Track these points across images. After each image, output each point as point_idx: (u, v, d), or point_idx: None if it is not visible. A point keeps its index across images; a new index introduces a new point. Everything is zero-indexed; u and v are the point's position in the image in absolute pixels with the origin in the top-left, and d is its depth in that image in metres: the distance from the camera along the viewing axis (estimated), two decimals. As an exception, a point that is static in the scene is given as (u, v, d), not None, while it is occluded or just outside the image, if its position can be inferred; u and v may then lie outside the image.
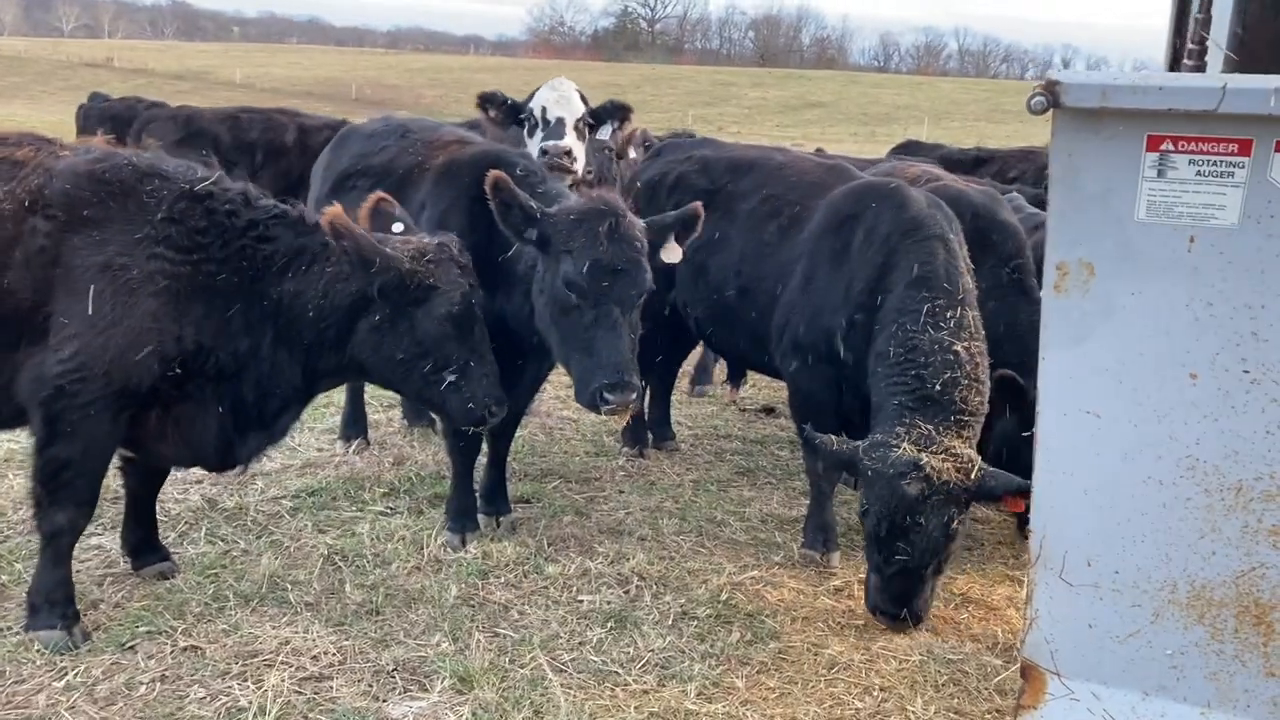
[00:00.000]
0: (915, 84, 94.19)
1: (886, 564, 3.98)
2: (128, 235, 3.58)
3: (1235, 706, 2.73)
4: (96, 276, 3.52)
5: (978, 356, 4.21)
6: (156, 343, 3.56)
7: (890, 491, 3.88)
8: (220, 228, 3.71)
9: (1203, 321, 2.51)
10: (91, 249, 3.55)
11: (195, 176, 3.78)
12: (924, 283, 4.31)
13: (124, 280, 3.54)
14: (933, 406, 4.06)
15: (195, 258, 3.65)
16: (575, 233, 4.06)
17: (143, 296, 3.55)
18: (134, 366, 3.55)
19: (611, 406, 4.01)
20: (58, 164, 3.65)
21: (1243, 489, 2.58)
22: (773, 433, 6.80)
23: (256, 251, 3.75)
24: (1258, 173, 2.38)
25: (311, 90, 71.62)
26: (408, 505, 5.11)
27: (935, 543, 3.92)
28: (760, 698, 3.60)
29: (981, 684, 3.71)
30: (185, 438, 3.82)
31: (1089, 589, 2.79)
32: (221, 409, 3.80)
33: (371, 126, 5.53)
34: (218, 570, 4.29)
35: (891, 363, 4.21)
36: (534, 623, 4.02)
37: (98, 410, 3.55)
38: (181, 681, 3.50)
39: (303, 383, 3.95)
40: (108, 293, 3.52)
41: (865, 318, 4.44)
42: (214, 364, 3.71)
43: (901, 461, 3.88)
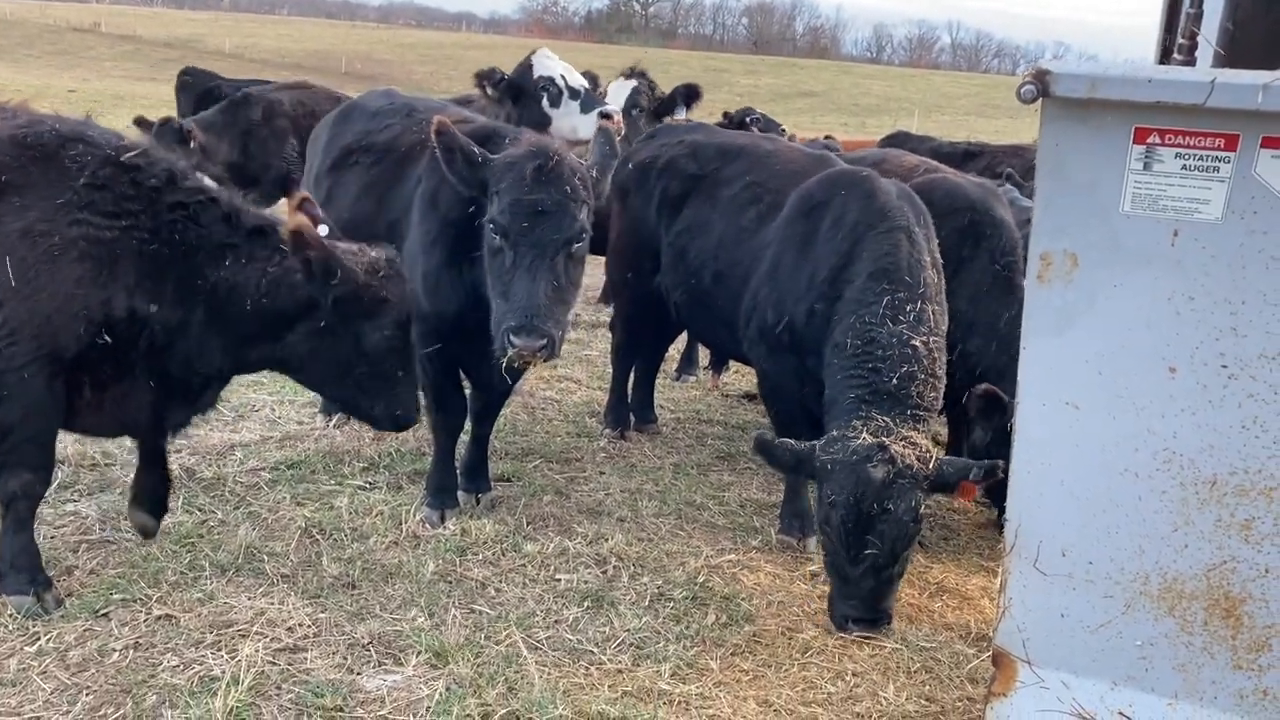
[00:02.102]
0: (907, 76, 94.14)
1: (854, 562, 3.86)
2: (49, 201, 3.53)
3: (1202, 698, 2.76)
4: (18, 243, 3.48)
5: (936, 352, 4.17)
6: (84, 307, 3.53)
7: (855, 478, 3.77)
8: (148, 199, 3.67)
9: (1184, 315, 2.53)
10: (12, 215, 3.50)
11: (122, 145, 3.73)
12: (885, 275, 4.26)
13: (46, 246, 3.49)
14: (889, 400, 4.01)
15: (123, 224, 3.60)
16: (506, 174, 4.02)
17: (66, 262, 3.50)
18: (62, 330, 3.52)
19: (517, 350, 3.89)
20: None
21: (1217, 483, 2.60)
22: (754, 419, 6.81)
23: (187, 230, 3.71)
24: (1243, 168, 2.39)
25: (301, 63, 70.95)
26: (387, 480, 5.10)
27: (905, 531, 3.81)
28: (734, 679, 3.61)
29: (954, 672, 3.74)
30: (116, 407, 3.80)
31: (1062, 579, 2.81)
32: (151, 382, 3.78)
33: (376, 103, 5.48)
34: (194, 540, 4.28)
35: (848, 355, 4.16)
36: (510, 600, 4.03)
37: (31, 374, 3.52)
38: (155, 649, 3.49)
39: (229, 367, 3.96)
40: (30, 259, 3.48)
41: (825, 307, 4.40)
42: (145, 334, 3.68)
43: (864, 447, 3.80)
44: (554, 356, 4.01)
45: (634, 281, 5.91)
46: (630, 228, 5.88)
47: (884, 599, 3.96)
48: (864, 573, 3.88)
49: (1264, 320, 2.48)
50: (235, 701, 3.20)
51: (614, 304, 6.31)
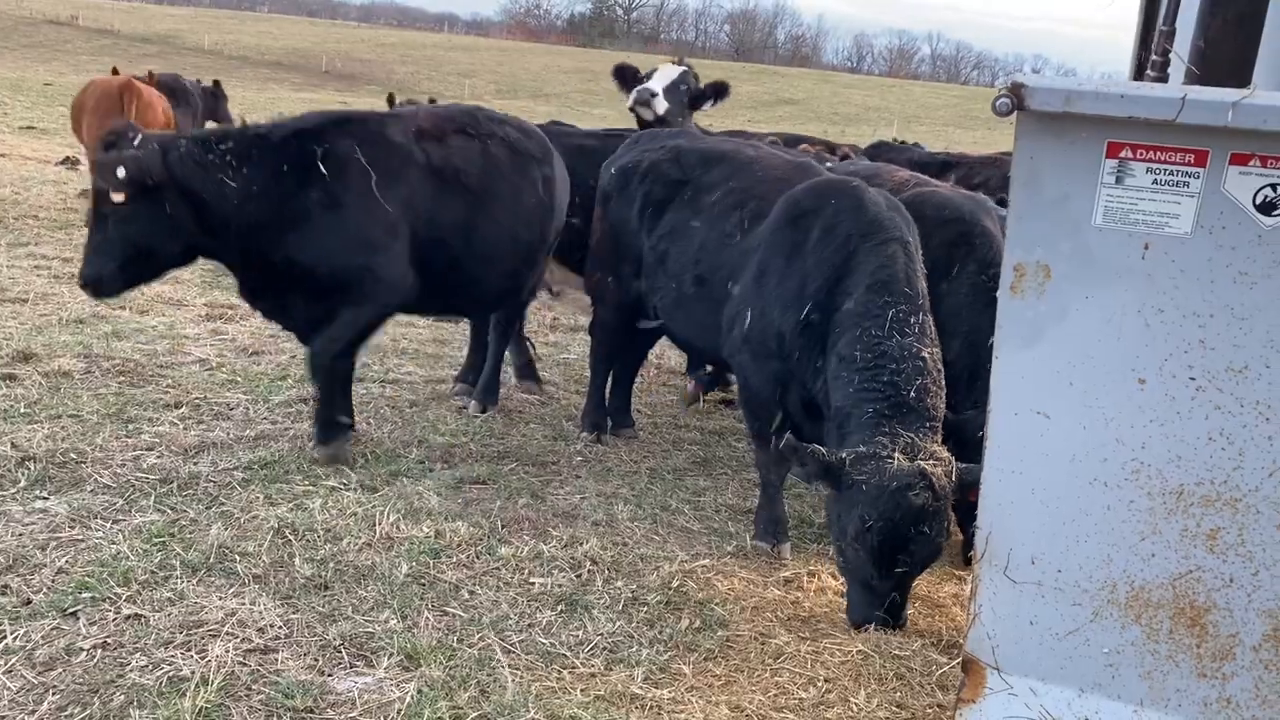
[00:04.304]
0: (886, 86, 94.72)
1: (883, 577, 3.94)
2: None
3: (1167, 706, 2.80)
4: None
5: (938, 361, 4.25)
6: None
7: (897, 505, 3.80)
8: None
9: (1153, 328, 2.56)
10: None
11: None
12: (885, 287, 4.30)
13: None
14: (910, 414, 4.05)
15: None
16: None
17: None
18: None
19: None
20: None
21: (1184, 493, 2.64)
22: (730, 424, 6.83)
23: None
24: (1212, 184, 2.42)
25: (281, 60, 70.68)
26: (361, 481, 5.07)
27: (936, 549, 3.95)
28: (706, 684, 3.62)
29: (925, 679, 3.76)
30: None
31: (1032, 586, 2.84)
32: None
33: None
34: (165, 539, 4.25)
35: (859, 368, 4.18)
36: (484, 603, 4.02)
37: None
38: (123, 649, 3.46)
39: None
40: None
41: (820, 317, 4.44)
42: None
43: (904, 473, 3.83)
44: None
45: (614, 286, 5.93)
46: (611, 232, 5.89)
47: (904, 605, 4.07)
48: (891, 587, 3.99)
49: (1231, 334, 2.52)
50: (204, 702, 3.17)
51: (593, 308, 6.32)
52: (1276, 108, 2.29)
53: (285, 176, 5.05)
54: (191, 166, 4.87)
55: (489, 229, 5.64)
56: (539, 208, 5.95)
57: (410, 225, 5.31)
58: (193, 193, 4.87)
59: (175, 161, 4.83)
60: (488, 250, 5.67)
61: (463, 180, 5.52)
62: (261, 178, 4.99)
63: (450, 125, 5.67)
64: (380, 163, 5.21)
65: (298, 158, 5.09)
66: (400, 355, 7.64)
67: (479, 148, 5.67)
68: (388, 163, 5.26)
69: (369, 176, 5.13)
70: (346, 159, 5.14)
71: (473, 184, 5.55)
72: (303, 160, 5.08)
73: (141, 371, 6.47)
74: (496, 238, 5.69)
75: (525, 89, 65.21)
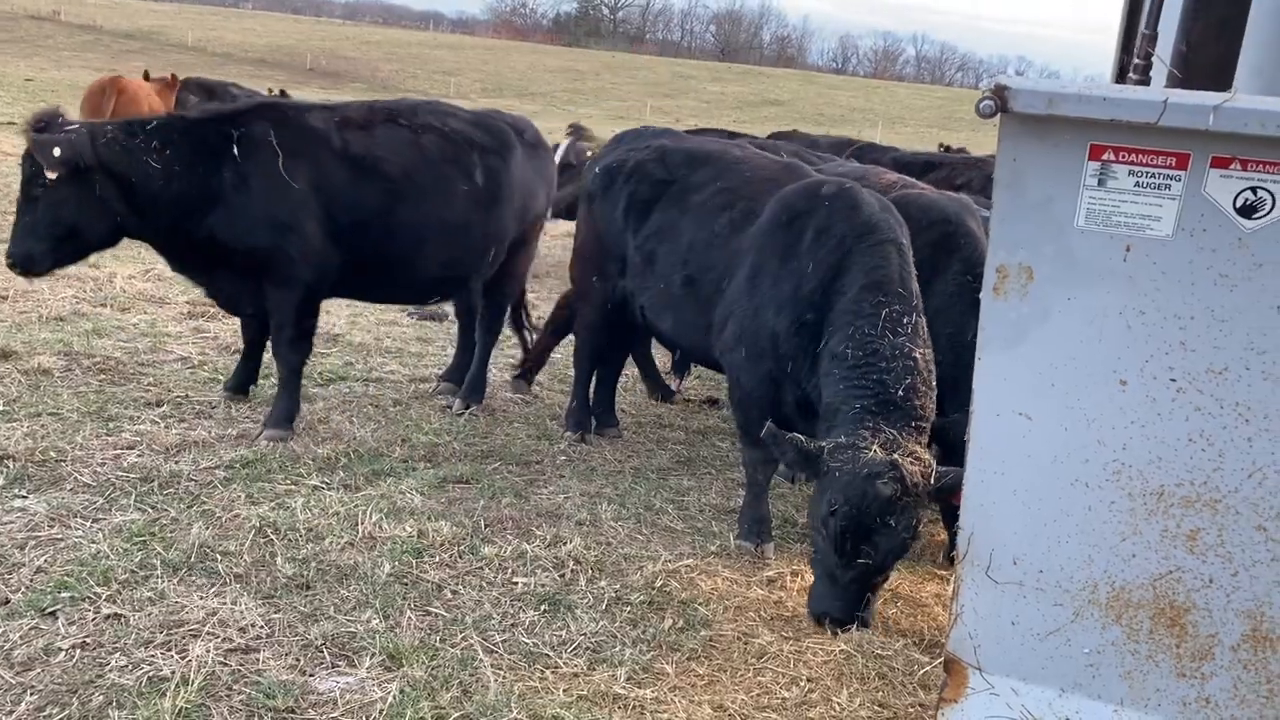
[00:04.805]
0: (871, 87, 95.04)
1: (846, 568, 3.96)
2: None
3: (1147, 705, 2.82)
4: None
5: (930, 362, 4.27)
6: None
7: (864, 492, 3.84)
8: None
9: (1134, 329, 2.57)
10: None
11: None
12: (879, 287, 4.34)
13: None
14: (895, 411, 4.08)
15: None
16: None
17: None
18: None
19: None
20: None
21: (1164, 494, 2.65)
22: (715, 424, 6.84)
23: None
24: (1193, 186, 2.44)
25: (265, 58, 70.35)
26: (343, 480, 5.05)
27: (900, 545, 3.95)
28: (689, 684, 3.62)
29: (907, 679, 3.77)
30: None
31: (1013, 587, 2.85)
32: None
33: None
34: (145, 538, 4.22)
35: (850, 365, 4.22)
36: (467, 603, 4.01)
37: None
38: (103, 649, 3.44)
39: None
40: None
41: (815, 317, 4.47)
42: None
43: (876, 462, 3.87)
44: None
45: (599, 285, 5.92)
46: (595, 232, 5.89)
47: (863, 604, 4.06)
48: (853, 578, 4.00)
49: (1212, 335, 2.54)
50: (184, 702, 3.15)
51: (578, 308, 6.32)
52: (1257, 111, 2.31)
53: (203, 159, 5.29)
54: (118, 150, 5.09)
55: (412, 216, 5.75)
56: (475, 197, 5.98)
57: (325, 208, 5.49)
58: (120, 175, 5.10)
59: (103, 145, 5.05)
60: (413, 237, 5.80)
61: (382, 168, 5.66)
62: (182, 160, 5.23)
63: (380, 115, 5.85)
64: (291, 146, 5.42)
65: (215, 141, 5.34)
66: (384, 354, 7.61)
67: (406, 137, 5.79)
68: (300, 147, 5.46)
69: (277, 158, 5.35)
70: (259, 142, 5.37)
71: (393, 171, 5.68)
72: (220, 143, 5.33)
73: (122, 369, 6.42)
74: (421, 225, 5.80)
75: (510, 88, 65.12)
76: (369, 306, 8.69)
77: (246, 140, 5.35)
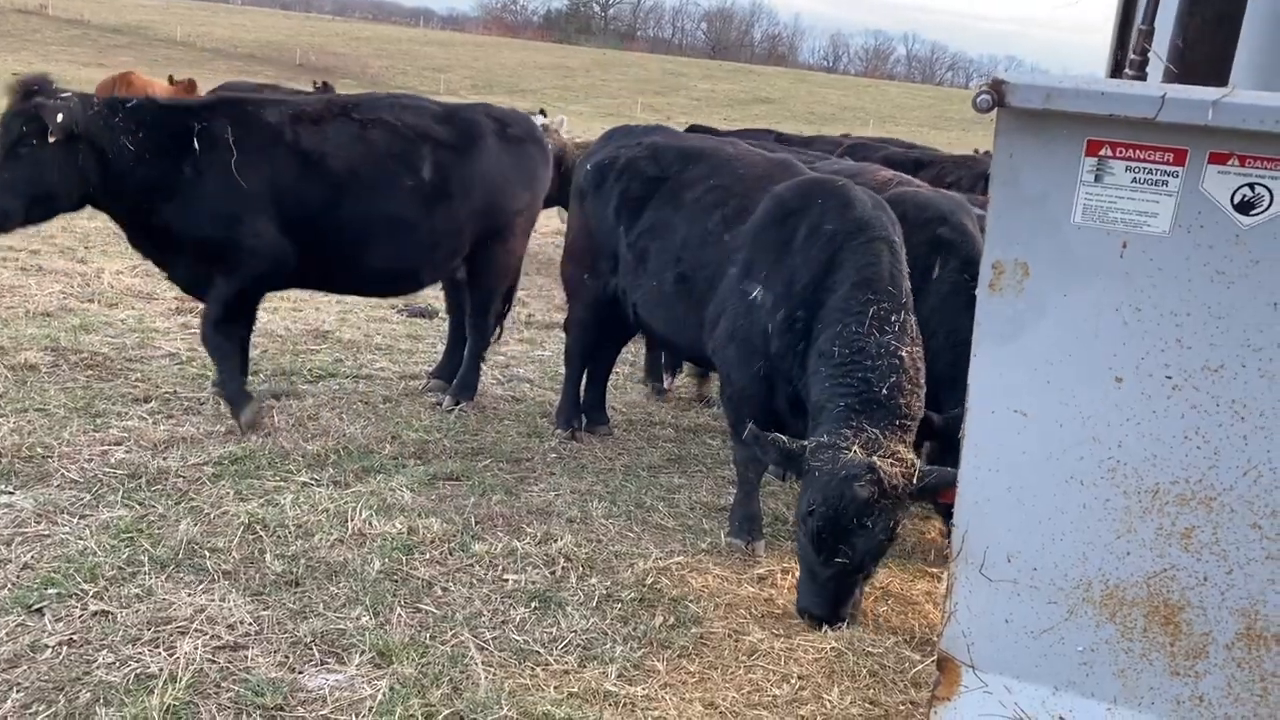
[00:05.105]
0: (862, 86, 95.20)
1: (825, 566, 3.98)
2: None
3: (1140, 704, 2.81)
4: None
5: (918, 361, 4.26)
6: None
7: (841, 493, 3.85)
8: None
9: (1130, 326, 2.56)
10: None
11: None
12: (869, 285, 4.34)
13: None
14: (879, 410, 4.08)
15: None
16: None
17: None
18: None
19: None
20: None
21: (1159, 492, 2.64)
22: (705, 422, 6.82)
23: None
24: (1190, 183, 2.43)
25: (254, 53, 70.06)
26: (333, 477, 5.02)
27: (878, 546, 3.96)
28: (680, 681, 3.61)
29: (898, 676, 3.76)
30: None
31: (1007, 584, 2.84)
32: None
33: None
34: (133, 534, 4.19)
35: (836, 363, 4.22)
36: (457, 600, 3.99)
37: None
38: (90, 646, 3.41)
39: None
40: None
41: (806, 314, 4.46)
42: None
43: (854, 464, 3.87)
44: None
45: (590, 282, 5.90)
46: (587, 228, 5.86)
47: (845, 602, 4.06)
48: (831, 576, 4.01)
49: (1208, 333, 2.53)
50: (172, 700, 3.13)
51: (569, 305, 6.29)
52: (1255, 107, 2.30)
53: (169, 148, 5.44)
54: (101, 124, 5.25)
55: (355, 210, 5.81)
56: (423, 192, 5.97)
57: (275, 202, 5.61)
58: (100, 149, 5.25)
59: (91, 117, 5.21)
60: (357, 231, 5.86)
61: (328, 163, 5.74)
62: (152, 146, 5.38)
63: (335, 110, 5.95)
64: (246, 142, 5.56)
65: (181, 132, 5.48)
66: (374, 350, 7.58)
67: (353, 132, 5.86)
68: (254, 142, 5.59)
69: (231, 154, 5.48)
70: (217, 137, 5.50)
71: (337, 166, 5.76)
72: (184, 135, 5.48)
73: (110, 365, 6.38)
74: (364, 219, 5.86)
75: (501, 84, 64.94)
76: (359, 303, 8.66)
77: (206, 135, 5.49)
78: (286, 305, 8.45)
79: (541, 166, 6.58)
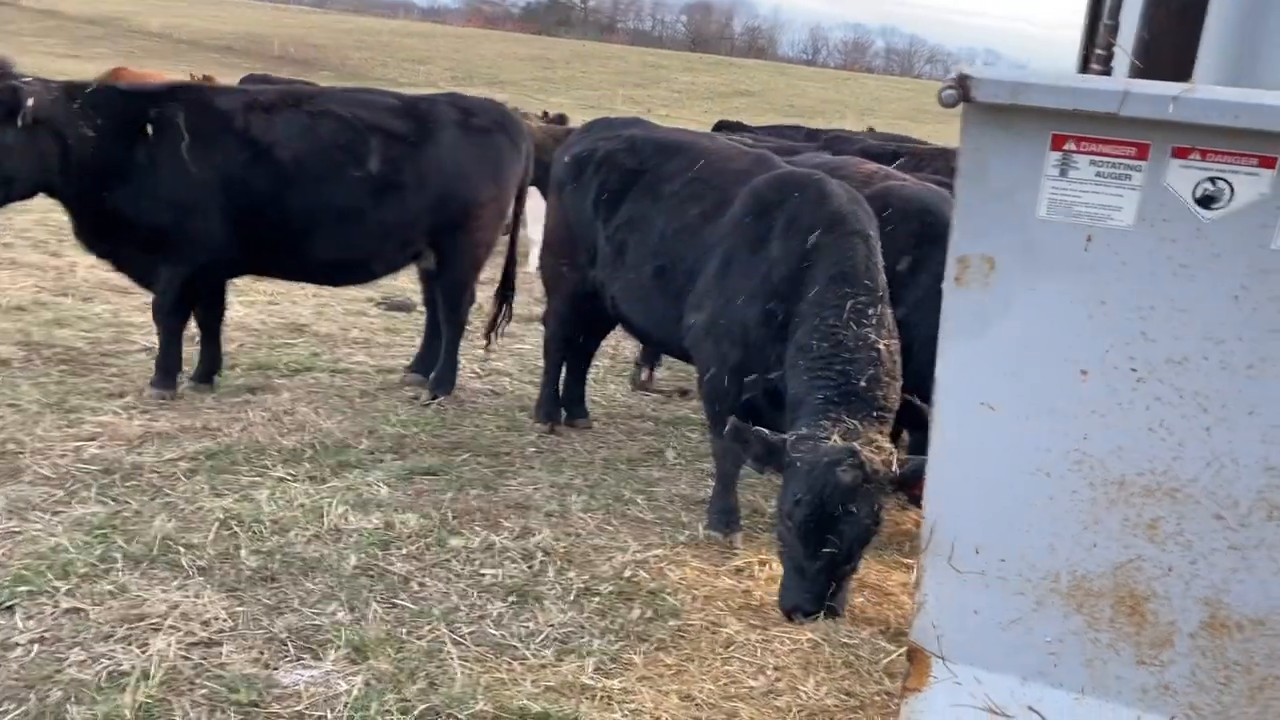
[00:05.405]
0: (842, 79, 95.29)
1: (813, 558, 3.97)
2: None
3: (1108, 693, 2.83)
4: None
5: (895, 354, 4.29)
6: None
7: (826, 480, 3.86)
8: None
9: (1096, 319, 2.58)
10: None
11: None
12: (845, 278, 4.36)
13: None
14: (857, 402, 4.11)
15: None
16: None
17: None
18: None
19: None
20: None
21: (1125, 483, 2.67)
22: (685, 415, 6.84)
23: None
24: (1154, 177, 2.45)
25: (232, 45, 69.48)
26: (309, 472, 5.01)
27: (865, 532, 3.96)
28: (657, 674, 3.63)
29: (873, 667, 3.79)
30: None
31: (976, 576, 2.86)
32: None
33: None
34: (106, 531, 4.17)
35: (815, 356, 4.24)
36: (434, 595, 3.99)
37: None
38: (61, 644, 3.39)
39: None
40: None
41: (784, 308, 4.48)
42: None
43: (836, 450, 3.89)
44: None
45: (569, 275, 5.90)
46: (565, 221, 5.86)
47: (835, 594, 4.07)
48: (820, 569, 4.00)
49: (1172, 326, 2.55)
50: (145, 697, 3.12)
51: (547, 298, 6.29)
52: (1216, 102, 2.32)
53: (123, 134, 5.55)
54: (60, 111, 5.38)
55: (301, 200, 5.87)
56: (370, 183, 5.99)
57: (224, 190, 5.70)
58: (59, 135, 5.38)
59: (51, 102, 5.35)
60: (303, 221, 5.92)
61: (275, 153, 5.80)
62: (107, 132, 5.51)
63: (289, 100, 6.03)
64: (197, 130, 5.64)
65: (135, 118, 5.60)
66: (351, 344, 7.56)
67: (302, 123, 5.91)
68: (205, 130, 5.68)
69: (182, 140, 5.57)
70: (169, 124, 5.58)
71: (284, 156, 5.81)
72: (138, 121, 5.59)
73: (84, 360, 6.34)
74: (310, 209, 5.90)
75: (481, 76, 64.66)
76: (336, 297, 8.63)
77: (160, 121, 5.60)
78: (263, 299, 8.41)
79: (510, 156, 6.54)
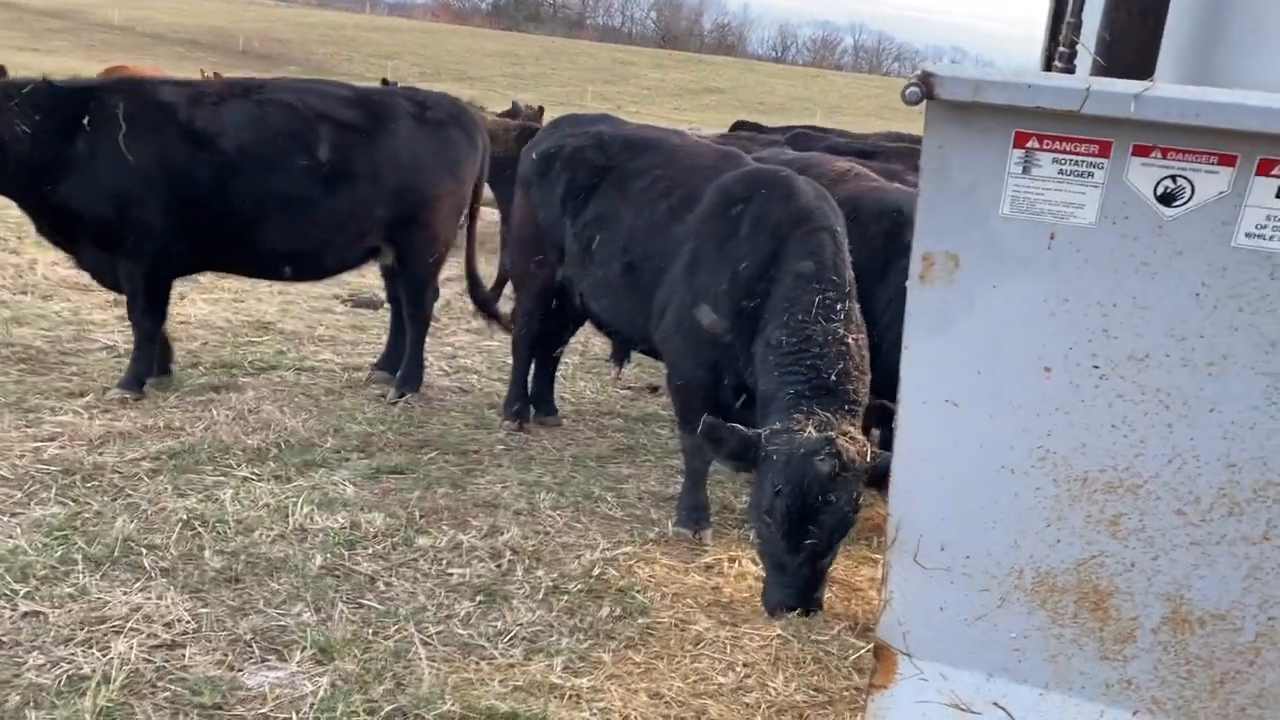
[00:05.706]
0: (810, 76, 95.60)
1: (794, 551, 3.99)
2: None
3: (1071, 688, 2.86)
4: None
5: (863, 349, 4.33)
6: None
7: (804, 471, 3.88)
8: None
9: (1059, 317, 2.59)
10: None
11: None
12: (814, 274, 4.38)
13: None
14: (828, 396, 4.13)
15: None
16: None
17: None
18: None
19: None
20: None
21: (1088, 480, 2.68)
22: (654, 411, 6.84)
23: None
24: (1115, 174, 2.46)
25: (196, 39, 68.67)
26: (274, 471, 4.96)
27: (844, 521, 3.98)
28: (626, 672, 3.62)
29: (841, 663, 3.81)
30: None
31: (941, 573, 2.87)
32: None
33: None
34: (67, 532, 4.11)
35: (785, 352, 4.26)
36: (401, 595, 3.97)
37: None
38: (20, 648, 3.34)
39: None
40: None
41: (752, 304, 4.49)
42: None
43: (812, 441, 3.92)
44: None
45: (536, 272, 5.88)
46: (533, 218, 5.83)
47: (818, 588, 4.08)
48: (802, 562, 4.01)
49: (1134, 323, 2.57)
50: (106, 701, 3.08)
51: (515, 295, 6.26)
52: (1177, 100, 2.33)
53: (63, 128, 5.53)
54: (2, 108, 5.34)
55: (247, 190, 5.83)
56: (319, 173, 5.96)
57: (167, 181, 5.67)
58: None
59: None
60: (250, 211, 5.87)
61: (220, 143, 5.77)
62: (47, 127, 5.49)
63: (235, 91, 6.00)
64: (137, 121, 5.62)
65: (74, 111, 5.56)
66: (317, 342, 7.49)
67: (250, 112, 5.88)
68: (145, 121, 5.65)
69: (120, 131, 5.55)
70: (109, 116, 5.56)
71: (228, 146, 5.78)
72: (77, 114, 5.56)
73: (44, 359, 6.24)
74: (257, 199, 5.87)
75: (449, 71, 64.29)
76: (302, 294, 8.55)
77: (98, 113, 5.57)
78: (228, 296, 8.33)
79: (466, 150, 6.51)
